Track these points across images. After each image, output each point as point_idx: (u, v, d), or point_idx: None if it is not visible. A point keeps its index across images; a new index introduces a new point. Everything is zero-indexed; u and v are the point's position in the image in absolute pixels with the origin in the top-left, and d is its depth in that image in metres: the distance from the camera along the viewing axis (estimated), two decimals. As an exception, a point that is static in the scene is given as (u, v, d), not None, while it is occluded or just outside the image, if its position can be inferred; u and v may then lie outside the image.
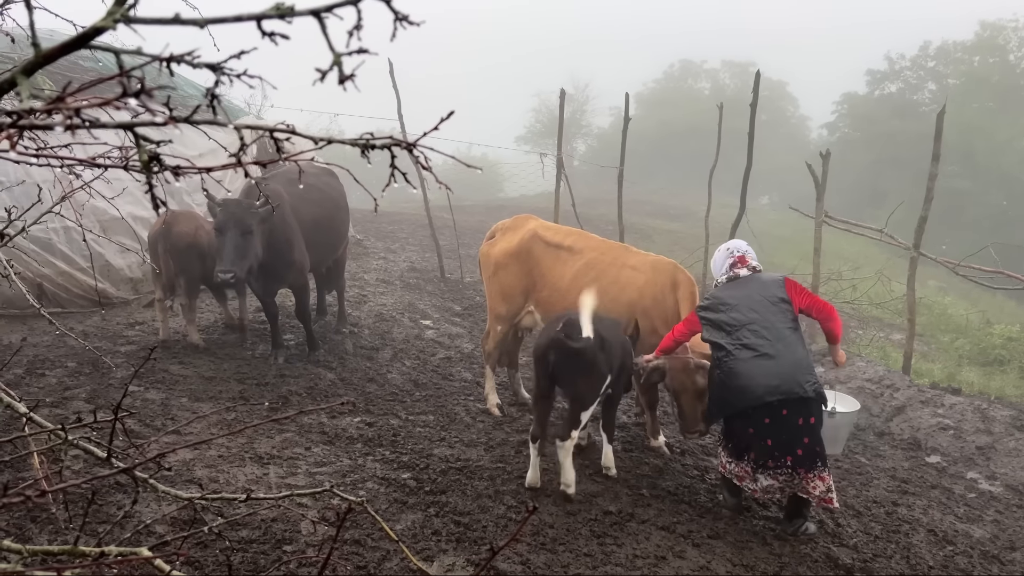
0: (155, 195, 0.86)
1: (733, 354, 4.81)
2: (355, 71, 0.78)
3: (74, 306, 7.94)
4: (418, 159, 0.98)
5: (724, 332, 4.90)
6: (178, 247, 6.88)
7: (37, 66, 0.75)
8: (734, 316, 4.91)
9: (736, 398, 4.79)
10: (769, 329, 4.82)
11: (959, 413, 7.55)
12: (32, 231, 7.34)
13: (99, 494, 4.12)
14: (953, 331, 14.60)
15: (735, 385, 4.78)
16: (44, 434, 1.78)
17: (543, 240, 6.23)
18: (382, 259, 12.84)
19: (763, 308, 4.91)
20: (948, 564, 4.95)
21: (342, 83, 0.78)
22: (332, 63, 0.77)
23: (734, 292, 5.05)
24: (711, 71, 48.31)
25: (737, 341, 4.84)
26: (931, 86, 37.10)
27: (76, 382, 5.93)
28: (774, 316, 4.88)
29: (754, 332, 4.83)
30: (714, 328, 4.97)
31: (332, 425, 5.72)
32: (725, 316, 4.94)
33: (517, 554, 4.11)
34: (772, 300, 4.95)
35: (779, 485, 4.83)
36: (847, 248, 21.09)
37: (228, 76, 0.81)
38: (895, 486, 6.17)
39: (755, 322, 4.86)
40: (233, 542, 3.82)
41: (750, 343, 4.80)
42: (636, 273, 5.94)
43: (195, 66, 0.79)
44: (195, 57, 0.78)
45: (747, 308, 4.93)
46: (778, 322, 4.86)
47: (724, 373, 4.85)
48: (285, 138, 0.92)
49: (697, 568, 4.28)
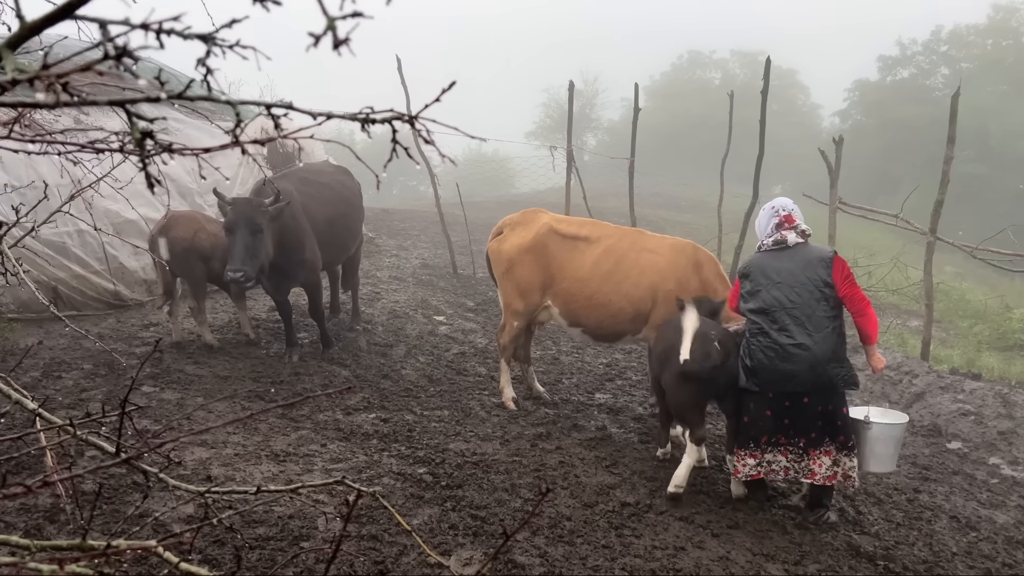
0: (149, 173, 0.83)
1: (770, 335, 4.71)
2: (349, 35, 0.75)
3: (89, 309, 7.98)
4: (420, 132, 0.95)
5: (763, 312, 4.77)
6: (175, 251, 6.78)
7: (22, 39, 0.73)
8: (775, 296, 4.73)
9: (762, 379, 4.75)
10: (810, 319, 4.66)
11: (979, 398, 7.46)
12: (46, 235, 7.40)
13: (116, 493, 4.14)
14: (971, 316, 14.44)
15: (764, 367, 4.73)
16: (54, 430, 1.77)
17: (558, 233, 6.18)
18: (394, 256, 12.84)
19: (806, 294, 4.69)
20: (972, 550, 4.88)
21: (336, 48, 0.75)
22: (326, 27, 0.74)
23: (778, 264, 4.81)
24: (720, 61, 47.99)
25: (774, 324, 4.71)
26: (944, 71, 36.71)
27: (92, 384, 5.95)
28: (816, 304, 4.68)
29: (794, 319, 4.67)
30: (753, 302, 4.83)
31: (347, 422, 5.71)
32: (765, 295, 4.76)
33: (535, 547, 4.09)
34: (817, 284, 4.70)
35: (786, 463, 4.80)
36: (861, 236, 20.89)
37: (220, 47, 0.78)
38: (916, 473, 6.10)
39: (797, 307, 4.68)
40: (250, 539, 3.81)
41: (788, 330, 4.66)
42: (656, 256, 5.91)
43: (185, 37, 0.77)
44: (186, 28, 0.76)
45: (789, 288, 4.71)
46: (819, 310, 4.67)
47: (755, 349, 4.77)
48: (283, 114, 0.89)
49: (716, 558, 4.23)
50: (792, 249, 4.85)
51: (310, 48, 0.75)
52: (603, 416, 6.45)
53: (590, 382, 7.46)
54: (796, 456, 4.78)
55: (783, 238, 4.86)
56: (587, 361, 8.18)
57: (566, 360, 8.23)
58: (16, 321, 7.34)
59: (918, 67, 37.38)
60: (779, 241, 4.87)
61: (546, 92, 42.21)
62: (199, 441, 4.99)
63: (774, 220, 4.95)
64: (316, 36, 0.75)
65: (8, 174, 7.03)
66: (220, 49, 0.79)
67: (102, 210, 7.76)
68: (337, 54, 0.75)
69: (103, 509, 3.96)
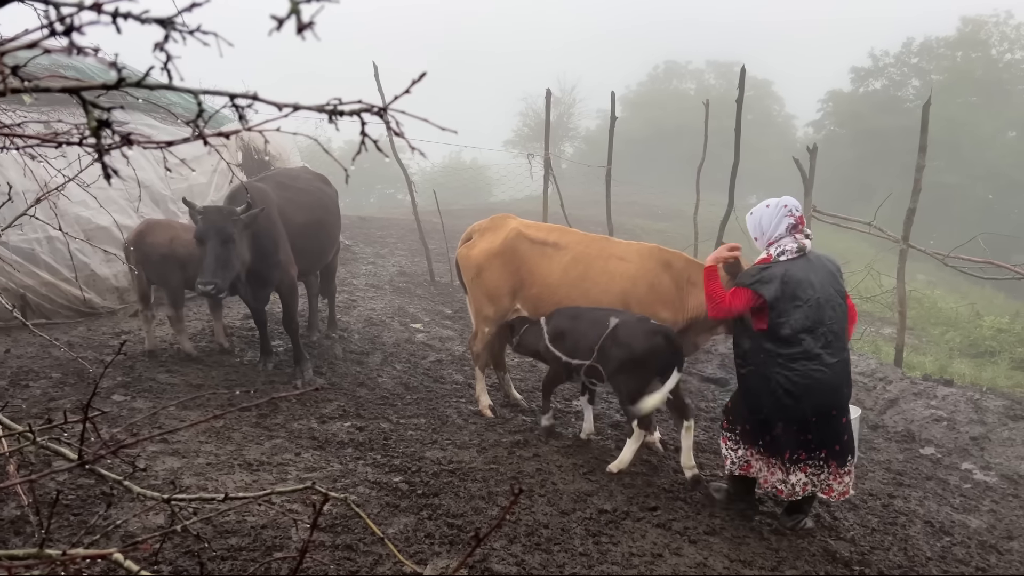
0: (105, 164, 0.80)
1: (820, 357, 4.36)
2: (313, 18, 0.72)
3: (59, 316, 7.84)
4: (389, 124, 0.93)
5: (809, 332, 4.35)
6: (151, 258, 6.66)
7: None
8: (816, 313, 4.33)
9: (808, 404, 4.46)
10: (843, 332, 4.45)
11: (952, 404, 7.54)
12: (14, 241, 7.27)
13: (84, 504, 4.04)
14: (943, 324, 14.65)
15: (812, 391, 4.41)
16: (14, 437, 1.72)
17: (527, 238, 6.08)
18: (371, 264, 12.77)
19: (839, 307, 4.43)
20: (946, 555, 4.92)
21: (300, 32, 0.73)
22: (290, 11, 0.72)
23: (811, 276, 4.39)
24: (696, 71, 48.52)
25: (817, 342, 4.35)
26: (915, 82, 37.37)
27: (61, 393, 5.83)
28: (844, 314, 4.45)
29: (835, 335, 4.40)
30: (793, 320, 4.35)
31: (322, 430, 5.64)
32: (809, 312, 4.33)
33: (512, 555, 4.05)
34: (840, 293, 4.47)
35: (806, 480, 4.61)
36: (835, 244, 21.13)
37: (180, 32, 0.75)
38: (890, 478, 6.14)
39: (836, 321, 4.39)
40: (221, 549, 3.74)
41: (832, 347, 4.37)
42: (625, 263, 5.82)
43: (143, 21, 0.74)
44: (144, 12, 0.73)
45: (827, 302, 4.38)
46: (844, 321, 4.46)
47: (798, 375, 4.39)
48: (247, 104, 0.87)
49: (694, 565, 4.22)
50: (813, 259, 4.52)
51: (272, 32, 0.72)
52: (581, 423, 6.43)
53: (567, 389, 7.44)
54: (816, 470, 4.62)
55: (803, 245, 4.48)
56: (564, 368, 8.16)
57: (543, 368, 8.19)
58: (-17, 329, 7.20)
59: (890, 78, 38.02)
60: (802, 249, 4.48)
61: (524, 100, 42.37)
62: (170, 451, 4.91)
63: (788, 220, 4.51)
64: (279, 19, 0.72)
65: (-25, 179, 6.89)
66: (180, 35, 0.76)
67: (72, 216, 7.65)
68: (301, 38, 0.72)
69: (70, 520, 3.87)
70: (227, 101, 0.87)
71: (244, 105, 0.85)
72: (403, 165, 11.76)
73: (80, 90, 0.77)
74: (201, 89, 0.83)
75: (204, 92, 0.85)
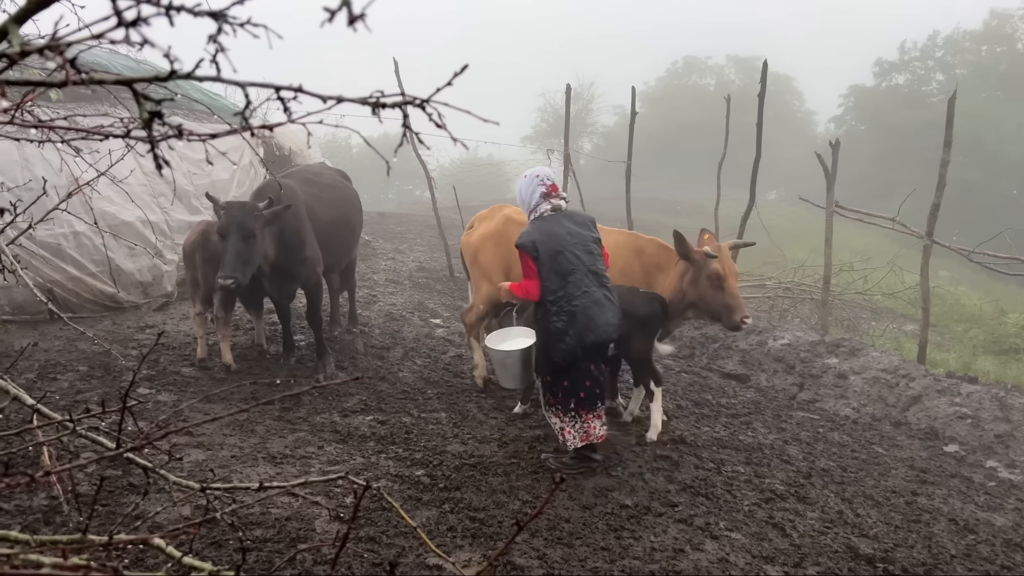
0: (157, 155, 0.82)
1: (589, 293, 4.87)
2: (364, 10, 0.73)
3: (84, 311, 7.94)
4: (431, 116, 0.94)
5: (559, 275, 4.84)
6: (217, 256, 6.59)
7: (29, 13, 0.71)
8: (572, 255, 4.88)
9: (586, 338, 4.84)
10: (603, 272, 5.01)
11: (976, 402, 7.46)
12: (41, 236, 7.37)
13: (112, 495, 4.10)
14: (966, 321, 14.49)
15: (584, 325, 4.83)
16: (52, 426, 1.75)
17: (516, 223, 6.56)
18: (391, 259, 12.83)
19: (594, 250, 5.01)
20: (971, 553, 4.87)
21: (352, 23, 0.74)
22: (341, 3, 0.73)
23: (566, 226, 4.96)
24: (715, 67, 48.19)
25: (581, 281, 4.87)
26: (939, 76, 36.92)
27: (88, 385, 5.92)
28: (600, 257, 5.05)
29: (595, 275, 4.94)
30: (551, 270, 4.85)
31: (344, 424, 5.68)
32: (566, 254, 4.86)
33: (534, 548, 4.07)
34: (595, 240, 5.05)
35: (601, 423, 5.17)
36: (857, 240, 20.97)
37: (231, 24, 0.77)
38: (913, 476, 6.09)
39: (593, 263, 4.96)
40: (246, 540, 3.78)
41: (594, 285, 4.91)
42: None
43: (196, 14, 0.75)
44: (196, 4, 0.74)
45: (583, 247, 4.94)
46: (602, 263, 5.04)
47: (578, 309, 4.82)
48: (292, 97, 0.88)
49: (716, 560, 4.22)
50: (563, 214, 5.05)
51: (324, 24, 0.74)
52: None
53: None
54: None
55: (557, 205, 5.04)
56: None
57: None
58: (10, 323, 7.31)
59: (913, 72, 37.59)
60: (557, 207, 5.03)
61: (542, 96, 42.29)
62: (195, 443, 4.97)
63: (540, 188, 5.06)
64: (331, 11, 0.73)
65: (3, 174, 6.99)
66: (231, 27, 0.77)
67: (98, 211, 7.73)
68: (352, 30, 0.74)
69: (99, 511, 3.92)
70: (272, 93, 0.89)
71: (289, 97, 0.87)
72: (423, 161, 11.79)
73: (132, 82, 0.79)
74: (248, 81, 0.85)
75: (251, 84, 0.86)
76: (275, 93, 0.86)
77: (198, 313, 6.71)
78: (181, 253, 7.00)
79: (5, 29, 0.70)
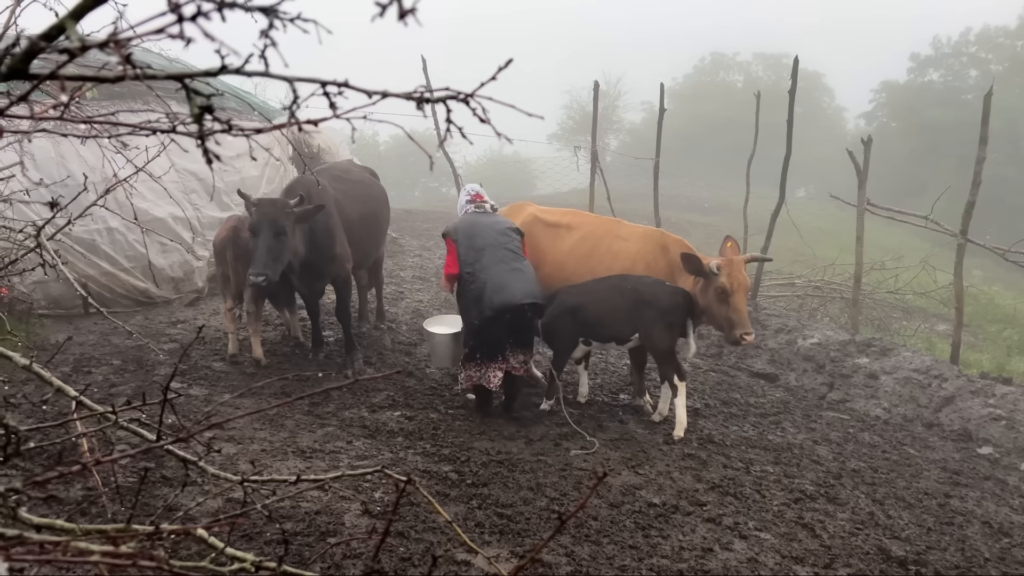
0: (207, 148, 0.83)
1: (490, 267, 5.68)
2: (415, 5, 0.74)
3: (118, 306, 8.07)
4: (475, 111, 0.94)
5: (474, 250, 5.74)
6: (247, 252, 6.49)
7: (86, 9, 0.73)
8: (484, 238, 5.81)
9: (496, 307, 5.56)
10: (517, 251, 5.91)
11: (1011, 403, 7.33)
12: (76, 232, 7.49)
13: (145, 488, 4.16)
14: (1000, 321, 14.25)
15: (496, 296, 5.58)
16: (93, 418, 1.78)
17: (541, 221, 6.74)
18: (418, 256, 12.87)
19: (506, 236, 5.92)
20: (1005, 556, 4.79)
21: (402, 18, 0.74)
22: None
23: (481, 220, 6.01)
24: (743, 64, 47.64)
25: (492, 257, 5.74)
26: (973, 72, 36.25)
27: (121, 379, 6.01)
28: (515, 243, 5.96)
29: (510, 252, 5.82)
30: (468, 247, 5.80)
31: (372, 419, 5.72)
32: (480, 237, 5.81)
33: (562, 546, 4.07)
34: (512, 228, 6.03)
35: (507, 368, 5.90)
36: (887, 239, 20.67)
37: (282, 20, 0.78)
38: (946, 478, 6.01)
39: (506, 245, 5.83)
40: (277, 533, 3.82)
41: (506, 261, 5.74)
42: (626, 243, 6.47)
43: (247, 9, 0.76)
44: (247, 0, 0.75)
45: (496, 231, 5.90)
46: (515, 245, 5.92)
47: (479, 285, 5.64)
48: (337, 91, 0.89)
49: (745, 560, 4.19)
50: (482, 213, 6.16)
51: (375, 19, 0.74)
52: (627, 416, 6.42)
53: (614, 383, 7.43)
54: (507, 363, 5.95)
55: (480, 208, 6.21)
56: (611, 362, 8.14)
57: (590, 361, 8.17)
58: (46, 317, 7.44)
59: (947, 68, 36.94)
60: (479, 208, 6.20)
61: (568, 94, 42.13)
62: (226, 437, 5.02)
63: (467, 197, 6.32)
64: (383, 4, 0.74)
65: (40, 171, 7.11)
66: (281, 22, 0.78)
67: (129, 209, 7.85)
68: (403, 24, 0.74)
69: (139, 486, 3.98)
70: (317, 88, 0.89)
71: (334, 92, 0.87)
72: (450, 159, 11.80)
73: (184, 76, 0.80)
74: (295, 76, 0.86)
75: (297, 79, 0.87)
76: (321, 88, 0.87)
77: (229, 309, 6.77)
78: (212, 249, 7.06)
79: (63, 25, 0.71)
